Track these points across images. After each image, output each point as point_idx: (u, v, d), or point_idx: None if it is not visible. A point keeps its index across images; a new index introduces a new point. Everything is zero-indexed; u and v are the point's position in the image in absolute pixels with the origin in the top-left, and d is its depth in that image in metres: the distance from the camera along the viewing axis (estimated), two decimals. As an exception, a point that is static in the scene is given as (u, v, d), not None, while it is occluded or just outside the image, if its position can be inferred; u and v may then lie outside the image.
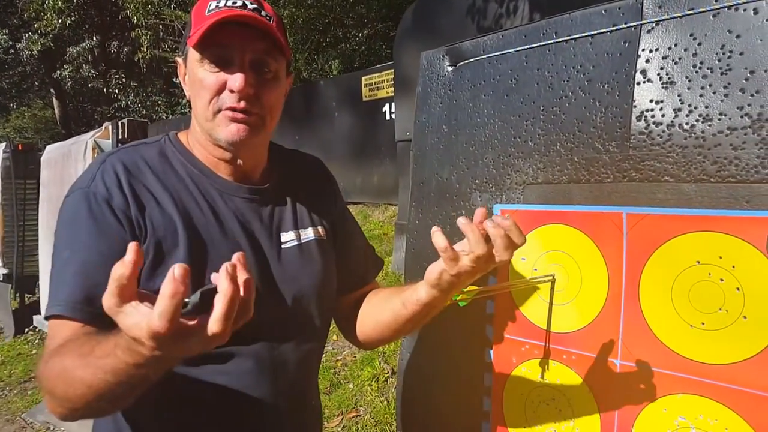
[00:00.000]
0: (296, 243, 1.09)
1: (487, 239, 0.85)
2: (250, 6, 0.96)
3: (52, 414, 0.84)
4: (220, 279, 0.61)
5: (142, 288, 0.87)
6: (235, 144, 0.97)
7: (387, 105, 6.35)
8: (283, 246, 1.07)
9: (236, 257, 0.65)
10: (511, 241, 0.85)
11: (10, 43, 14.94)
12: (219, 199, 1.02)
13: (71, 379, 0.75)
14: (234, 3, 0.95)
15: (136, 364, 0.68)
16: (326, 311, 1.16)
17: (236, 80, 0.93)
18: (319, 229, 1.14)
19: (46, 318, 0.90)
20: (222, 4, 0.95)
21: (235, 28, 0.93)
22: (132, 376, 0.70)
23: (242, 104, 0.95)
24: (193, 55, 0.96)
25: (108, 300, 0.61)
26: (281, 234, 1.08)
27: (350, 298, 1.25)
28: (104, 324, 0.75)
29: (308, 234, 1.11)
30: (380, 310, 1.13)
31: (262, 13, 0.97)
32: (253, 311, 0.65)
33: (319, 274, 1.11)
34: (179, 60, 1.04)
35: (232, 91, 0.93)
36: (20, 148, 6.43)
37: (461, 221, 0.87)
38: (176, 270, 0.58)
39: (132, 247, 0.61)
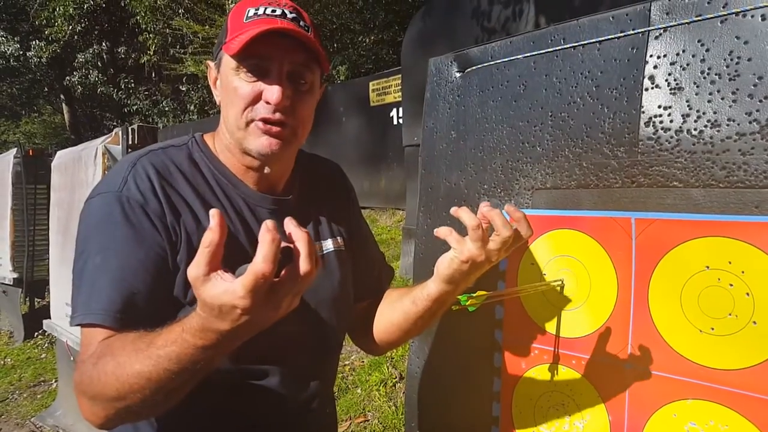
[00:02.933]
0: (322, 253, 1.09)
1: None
2: (289, 15, 0.94)
3: (90, 423, 0.82)
4: (291, 227, 0.67)
5: (177, 296, 0.89)
6: (266, 156, 0.96)
7: (394, 110, 6.37)
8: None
9: (287, 221, 0.69)
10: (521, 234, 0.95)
11: (21, 51, 15.11)
12: (246, 209, 1.01)
13: (128, 374, 0.73)
14: (273, 12, 0.93)
15: (204, 346, 0.68)
16: (344, 322, 1.16)
17: (274, 92, 0.91)
18: (338, 239, 1.14)
19: (81, 325, 0.87)
20: (261, 12, 0.92)
21: (276, 38, 0.91)
22: (197, 362, 0.70)
23: (277, 116, 0.93)
24: (229, 62, 0.94)
25: (197, 269, 0.63)
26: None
27: (363, 305, 1.25)
28: (138, 329, 0.79)
29: (328, 245, 1.12)
30: (391, 311, 1.14)
31: (301, 23, 0.95)
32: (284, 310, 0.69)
33: (339, 286, 1.11)
34: (211, 64, 1.02)
35: (267, 103, 0.92)
36: (31, 153, 6.50)
37: (484, 207, 0.92)
38: (269, 223, 0.63)
39: (214, 212, 0.64)
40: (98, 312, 0.85)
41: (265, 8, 0.93)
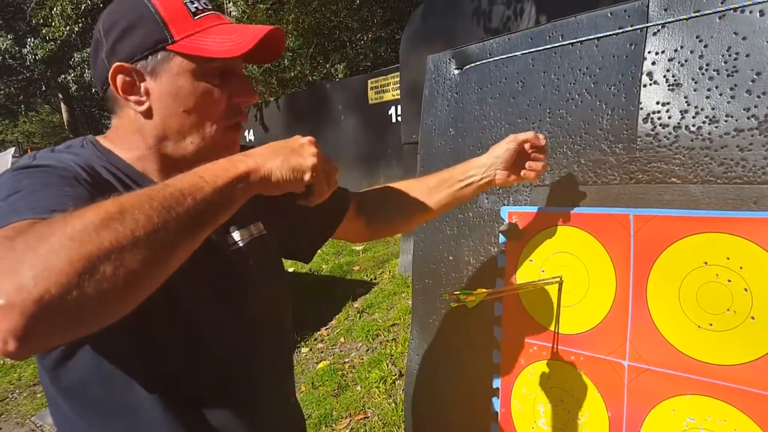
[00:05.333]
0: (241, 244, 0.98)
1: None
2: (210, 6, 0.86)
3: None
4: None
5: None
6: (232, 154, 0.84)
7: (393, 108, 6.36)
8: (232, 248, 0.96)
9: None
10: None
11: (17, 48, 15.09)
12: None
13: (136, 219, 0.55)
14: (206, 5, 0.84)
15: (239, 176, 0.67)
16: (283, 301, 1.07)
17: (249, 93, 0.85)
18: (258, 224, 1.03)
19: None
20: (200, 5, 0.84)
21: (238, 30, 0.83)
22: (224, 194, 0.65)
23: (245, 111, 0.87)
24: (183, 64, 0.81)
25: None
26: (227, 236, 0.97)
27: (349, 214, 1.17)
28: None
29: (243, 235, 0.99)
30: (434, 193, 1.16)
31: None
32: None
33: (262, 274, 1.01)
34: (127, 65, 0.81)
35: (241, 103, 0.85)
36: (29, 152, 6.50)
37: (541, 137, 1.08)
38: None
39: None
40: (33, 209, 0.63)
41: (196, 4, 0.84)
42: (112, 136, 0.89)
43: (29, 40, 14.48)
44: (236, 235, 0.96)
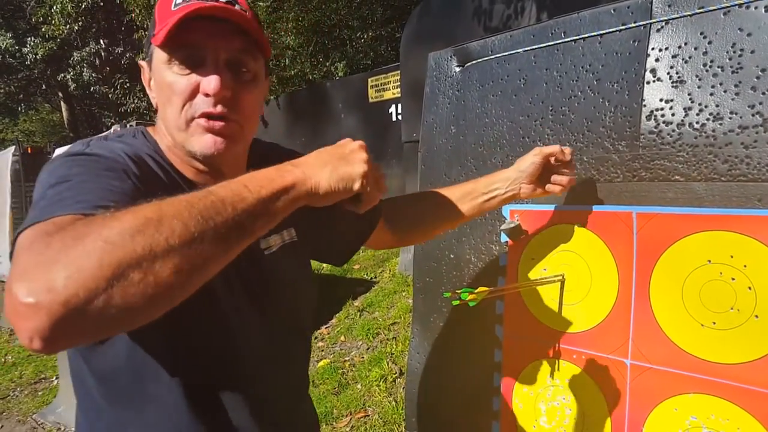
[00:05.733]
0: (274, 249, 0.99)
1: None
2: None
3: (35, 336, 0.49)
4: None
5: None
6: (211, 157, 0.84)
7: (393, 106, 6.35)
8: (265, 252, 0.97)
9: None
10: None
11: (17, 47, 15.07)
12: None
13: (172, 227, 0.55)
14: None
15: (285, 187, 0.66)
16: (308, 308, 1.08)
17: (210, 82, 0.80)
18: (290, 230, 1.03)
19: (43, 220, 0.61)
20: None
21: (208, 23, 0.81)
22: (267, 205, 0.64)
23: (219, 109, 0.82)
24: (160, 56, 0.83)
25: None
26: (260, 241, 0.97)
27: (381, 226, 1.16)
28: None
29: (276, 241, 1.01)
30: (457, 206, 1.16)
31: (237, 6, 0.84)
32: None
33: (291, 281, 1.02)
34: (143, 63, 0.89)
35: (206, 95, 0.81)
36: (29, 151, 6.49)
37: (567, 151, 1.06)
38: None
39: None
40: (81, 203, 0.63)
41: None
42: (156, 127, 0.93)
43: (29, 39, 14.47)
44: (270, 240, 0.97)
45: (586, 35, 1.10)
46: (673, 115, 0.99)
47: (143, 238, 0.53)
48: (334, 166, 0.71)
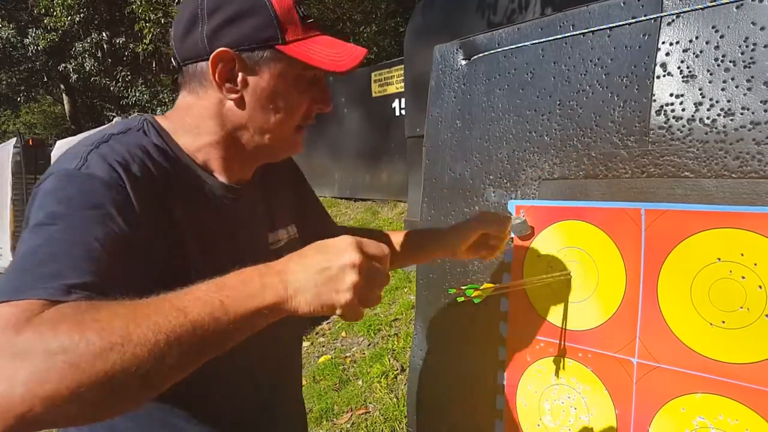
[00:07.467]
0: (281, 244, 1.02)
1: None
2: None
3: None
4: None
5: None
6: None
7: (396, 101, 6.33)
8: (272, 247, 1.00)
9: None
10: None
11: (18, 38, 15.06)
12: (211, 196, 0.90)
13: (135, 354, 0.55)
14: (306, 12, 0.88)
15: (265, 307, 0.63)
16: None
17: (328, 102, 0.92)
18: (293, 227, 1.08)
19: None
20: (304, 13, 0.87)
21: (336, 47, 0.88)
22: (242, 323, 0.62)
23: (313, 118, 0.93)
24: (287, 66, 0.84)
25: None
26: (269, 234, 1.01)
27: None
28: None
29: (283, 235, 1.04)
30: (410, 253, 1.23)
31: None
32: None
33: None
34: (232, 53, 0.81)
35: (324, 111, 0.92)
36: (30, 143, 6.49)
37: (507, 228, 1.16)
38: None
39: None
40: (46, 286, 0.62)
41: (302, 9, 0.88)
42: (177, 116, 0.89)
43: (31, 30, 14.46)
44: (278, 234, 1.01)
45: (596, 28, 1.09)
46: (683, 110, 0.97)
47: (104, 365, 0.54)
48: (319, 290, 0.65)
